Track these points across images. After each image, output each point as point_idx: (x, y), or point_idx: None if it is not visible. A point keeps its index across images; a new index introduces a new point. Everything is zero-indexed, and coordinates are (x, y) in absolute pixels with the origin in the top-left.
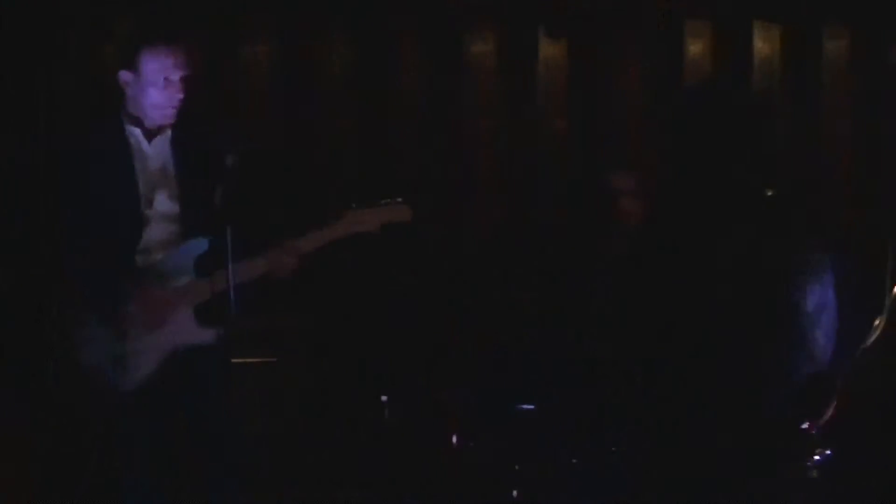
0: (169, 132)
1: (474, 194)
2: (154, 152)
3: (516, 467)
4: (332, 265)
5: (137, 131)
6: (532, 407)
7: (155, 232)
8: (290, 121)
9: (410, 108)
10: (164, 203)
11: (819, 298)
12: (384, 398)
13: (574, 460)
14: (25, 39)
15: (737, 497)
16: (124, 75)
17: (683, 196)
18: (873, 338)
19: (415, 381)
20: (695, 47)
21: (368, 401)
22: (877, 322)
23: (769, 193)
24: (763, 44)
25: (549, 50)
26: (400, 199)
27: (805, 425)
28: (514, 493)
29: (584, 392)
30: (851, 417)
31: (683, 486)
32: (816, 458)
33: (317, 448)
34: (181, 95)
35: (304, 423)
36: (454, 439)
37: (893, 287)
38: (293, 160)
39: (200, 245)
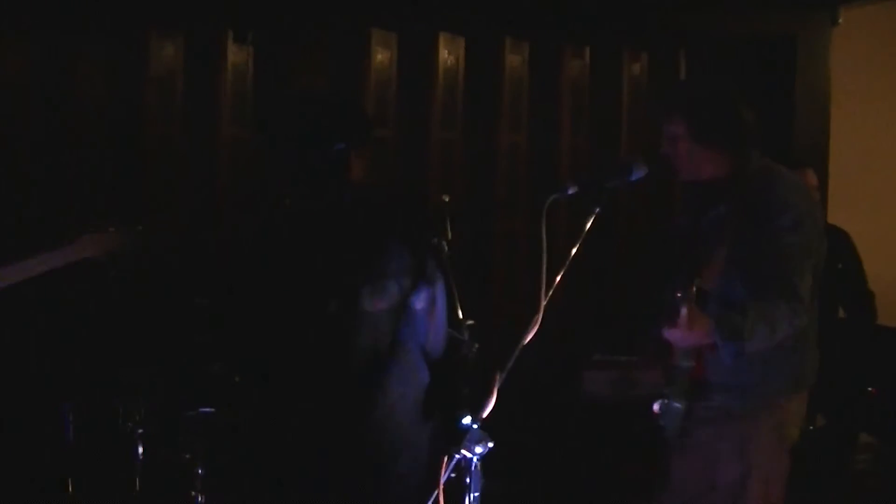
0: None
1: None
2: None
3: (199, 471)
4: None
5: None
6: (210, 410)
7: None
8: (32, 141)
9: (98, 120)
10: None
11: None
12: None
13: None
14: None
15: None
16: None
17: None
18: (530, 335)
19: (94, 389)
20: (382, 56)
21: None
22: (534, 319)
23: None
24: (448, 55)
25: (236, 56)
26: (136, 226)
27: (467, 419)
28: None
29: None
30: (510, 411)
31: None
32: (479, 450)
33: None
34: None
35: None
36: (139, 446)
37: (549, 287)
38: (30, 180)
39: None
